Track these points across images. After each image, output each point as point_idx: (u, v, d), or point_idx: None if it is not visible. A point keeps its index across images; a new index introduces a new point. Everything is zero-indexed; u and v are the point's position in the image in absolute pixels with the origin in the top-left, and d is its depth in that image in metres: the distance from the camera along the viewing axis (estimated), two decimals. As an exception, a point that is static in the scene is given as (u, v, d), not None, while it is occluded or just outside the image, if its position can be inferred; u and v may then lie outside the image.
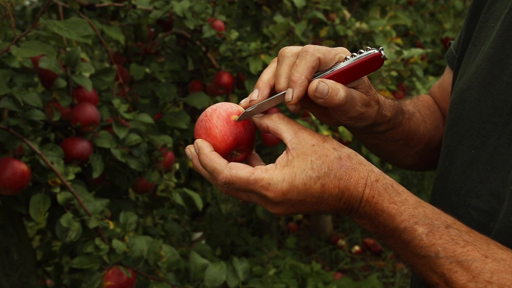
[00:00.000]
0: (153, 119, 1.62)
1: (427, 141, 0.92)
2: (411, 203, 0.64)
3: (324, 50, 0.67)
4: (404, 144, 0.89)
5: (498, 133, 0.70)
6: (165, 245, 1.38)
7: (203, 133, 0.69)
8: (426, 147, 0.93)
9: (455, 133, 0.78)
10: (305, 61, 0.66)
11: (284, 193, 0.63)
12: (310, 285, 2.66)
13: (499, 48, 0.72)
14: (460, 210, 0.74)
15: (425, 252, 0.62)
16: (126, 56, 2.02)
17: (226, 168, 0.64)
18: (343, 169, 0.64)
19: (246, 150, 0.70)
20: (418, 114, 0.91)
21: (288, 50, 0.69)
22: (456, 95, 0.80)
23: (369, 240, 3.40)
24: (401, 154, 0.92)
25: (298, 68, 0.66)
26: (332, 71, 0.67)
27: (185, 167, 2.13)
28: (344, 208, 0.65)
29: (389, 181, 0.65)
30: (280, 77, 0.67)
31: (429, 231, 0.62)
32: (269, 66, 0.71)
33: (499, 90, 0.70)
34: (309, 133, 0.66)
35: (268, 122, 0.68)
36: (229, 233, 3.11)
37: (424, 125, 0.92)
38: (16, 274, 1.48)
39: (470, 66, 0.79)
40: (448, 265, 0.60)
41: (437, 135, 0.94)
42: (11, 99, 1.23)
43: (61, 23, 1.16)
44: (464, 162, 0.75)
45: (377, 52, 0.66)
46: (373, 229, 0.66)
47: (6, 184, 1.22)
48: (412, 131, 0.89)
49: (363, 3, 3.33)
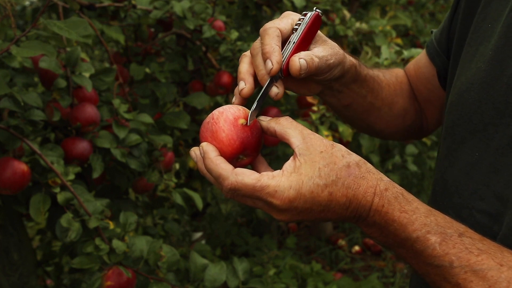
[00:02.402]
0: (153, 119, 1.62)
1: (389, 104, 0.95)
2: (423, 212, 0.63)
3: (280, 22, 0.73)
4: (371, 104, 0.92)
5: (500, 135, 0.69)
6: (165, 245, 1.38)
7: (209, 136, 0.68)
8: (389, 111, 0.95)
9: (456, 134, 0.78)
10: (268, 36, 0.70)
11: (290, 200, 0.62)
12: (310, 285, 2.66)
13: (499, 50, 0.72)
14: (464, 213, 0.73)
15: (438, 261, 0.61)
16: (126, 56, 2.02)
17: (232, 175, 0.63)
18: (351, 177, 0.63)
19: (253, 154, 0.69)
20: (382, 77, 0.95)
21: (258, 43, 0.72)
22: (455, 96, 0.80)
23: (369, 240, 3.40)
24: (370, 117, 0.95)
25: (265, 41, 0.70)
26: (295, 43, 0.72)
27: (185, 167, 2.13)
28: (351, 216, 0.64)
29: (399, 190, 0.64)
30: (259, 66, 0.70)
31: (442, 240, 0.61)
32: (242, 61, 0.74)
33: (500, 91, 0.70)
34: (318, 138, 0.65)
35: (276, 126, 0.67)
36: (229, 233, 3.11)
37: (388, 88, 0.95)
38: (16, 274, 1.48)
39: (468, 67, 0.78)
40: (463, 274, 0.59)
41: (399, 102, 0.97)
42: (11, 99, 1.23)
43: (61, 23, 1.16)
44: (467, 164, 0.74)
45: (315, 12, 0.73)
46: (382, 238, 0.65)
47: (6, 184, 1.22)
48: (376, 90, 0.91)
49: (363, 3, 3.33)
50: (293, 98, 2.29)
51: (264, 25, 0.73)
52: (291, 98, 2.31)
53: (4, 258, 1.46)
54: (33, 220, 1.50)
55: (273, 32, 0.71)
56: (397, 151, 2.92)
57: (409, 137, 1.08)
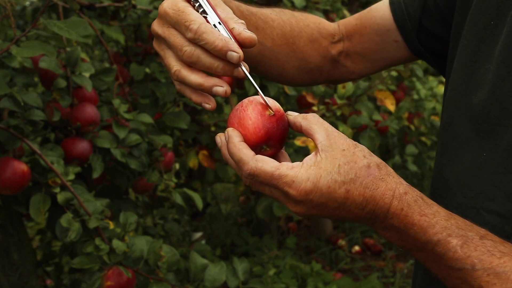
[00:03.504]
0: (153, 119, 1.62)
1: (282, 44, 0.94)
2: (443, 215, 0.62)
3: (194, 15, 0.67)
4: (259, 43, 0.89)
5: (510, 135, 0.69)
6: (165, 245, 1.38)
7: (236, 123, 0.69)
8: (284, 51, 0.95)
9: (459, 134, 0.77)
10: (206, 33, 0.65)
11: (307, 192, 0.62)
12: (310, 285, 2.66)
13: (504, 50, 0.71)
14: (470, 213, 0.72)
15: (460, 264, 0.60)
16: (126, 56, 2.02)
17: (252, 160, 0.64)
18: (370, 177, 0.62)
19: (276, 146, 0.70)
20: (275, 16, 0.94)
21: (188, 49, 0.67)
22: (454, 92, 0.79)
23: (369, 240, 3.40)
24: (265, 58, 0.93)
25: (210, 38, 0.65)
26: (221, 23, 0.67)
27: (185, 167, 2.13)
28: (367, 217, 0.64)
29: (418, 194, 0.64)
30: (213, 65, 0.67)
31: (464, 243, 0.60)
32: (189, 79, 0.70)
33: (508, 92, 0.69)
34: (342, 137, 0.65)
35: (302, 121, 0.68)
36: (229, 233, 3.11)
37: (282, 28, 0.94)
38: (16, 274, 1.48)
39: (471, 65, 0.77)
40: (486, 277, 0.59)
41: (296, 43, 0.96)
42: (11, 99, 1.23)
43: (61, 23, 1.16)
44: (473, 164, 0.74)
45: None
46: (400, 243, 0.64)
47: (6, 184, 1.22)
48: (262, 28, 0.90)
49: (363, 3, 3.33)
50: (293, 98, 2.29)
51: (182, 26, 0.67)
52: (291, 98, 2.31)
53: (4, 258, 1.46)
54: (33, 220, 1.50)
55: (206, 27, 0.66)
56: (397, 151, 2.92)
57: (317, 82, 1.08)
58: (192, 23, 0.66)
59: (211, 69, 0.68)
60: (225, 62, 0.67)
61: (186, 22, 0.66)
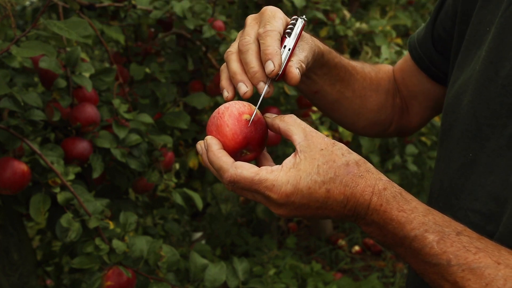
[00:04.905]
0: (153, 119, 1.62)
1: (361, 96, 0.97)
2: (421, 211, 0.63)
3: (277, 24, 0.73)
4: (341, 93, 0.93)
5: (497, 135, 0.69)
6: (165, 245, 1.38)
7: (214, 130, 0.70)
8: (361, 103, 0.97)
9: (452, 136, 0.78)
10: (270, 37, 0.70)
11: (287, 195, 0.62)
12: (310, 285, 2.66)
13: (492, 51, 0.72)
14: (459, 213, 0.73)
15: (436, 260, 0.61)
16: (126, 56, 2.02)
17: (231, 167, 0.64)
18: (349, 175, 0.63)
19: (256, 150, 0.71)
20: (360, 68, 0.97)
21: (249, 39, 0.72)
22: (451, 99, 0.80)
23: (369, 240, 3.40)
24: (341, 107, 0.97)
25: (268, 43, 0.70)
26: (290, 50, 0.73)
27: (185, 167, 2.13)
28: (349, 215, 0.65)
29: (397, 189, 0.65)
30: (250, 63, 0.70)
31: (440, 239, 0.61)
32: (231, 59, 0.73)
33: (495, 93, 0.70)
34: (319, 137, 0.66)
35: (280, 123, 0.69)
36: (229, 233, 3.11)
37: (362, 81, 0.97)
38: (16, 274, 1.48)
39: (466, 70, 0.79)
40: (461, 272, 0.60)
41: (373, 96, 0.99)
42: (11, 99, 1.23)
43: (61, 23, 1.16)
44: (463, 165, 0.74)
45: (303, 21, 0.75)
46: (381, 238, 0.65)
47: (6, 184, 1.22)
48: (347, 80, 0.94)
49: (363, 3, 3.33)
50: (293, 98, 2.29)
51: (263, 23, 0.73)
52: (291, 98, 2.31)
53: (4, 258, 1.46)
54: (33, 220, 1.51)
55: (276, 35, 0.71)
56: (397, 151, 2.92)
57: (386, 134, 1.09)
58: (270, 25, 0.72)
59: (247, 66, 0.71)
60: (260, 70, 0.70)
61: (268, 22, 0.72)
